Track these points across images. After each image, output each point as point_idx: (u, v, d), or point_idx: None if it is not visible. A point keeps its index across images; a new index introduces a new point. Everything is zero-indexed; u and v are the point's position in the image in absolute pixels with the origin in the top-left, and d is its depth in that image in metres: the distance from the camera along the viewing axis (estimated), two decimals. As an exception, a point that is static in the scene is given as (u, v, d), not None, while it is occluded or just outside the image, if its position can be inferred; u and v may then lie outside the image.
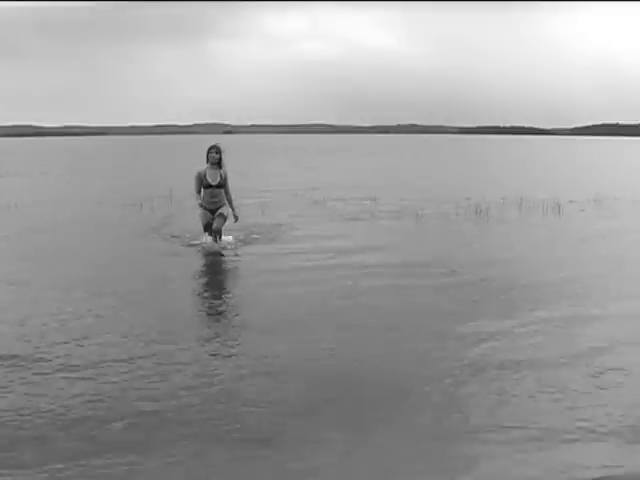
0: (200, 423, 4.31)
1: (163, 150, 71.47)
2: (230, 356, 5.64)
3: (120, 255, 10.00)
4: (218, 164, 10.15)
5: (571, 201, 16.70)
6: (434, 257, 9.75)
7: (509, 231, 12.70)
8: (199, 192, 10.17)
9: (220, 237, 10.22)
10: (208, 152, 10.13)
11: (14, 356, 5.34)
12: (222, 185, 10.14)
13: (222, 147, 10.28)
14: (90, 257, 9.76)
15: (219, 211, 10.21)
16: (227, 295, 7.73)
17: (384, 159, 45.26)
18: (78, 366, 5.16)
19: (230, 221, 10.28)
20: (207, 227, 10.18)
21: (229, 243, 10.26)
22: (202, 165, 10.28)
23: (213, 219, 10.15)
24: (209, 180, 10.09)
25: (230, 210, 10.25)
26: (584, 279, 8.34)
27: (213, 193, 10.12)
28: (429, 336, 6.00)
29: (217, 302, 7.29)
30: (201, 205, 10.19)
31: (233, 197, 10.33)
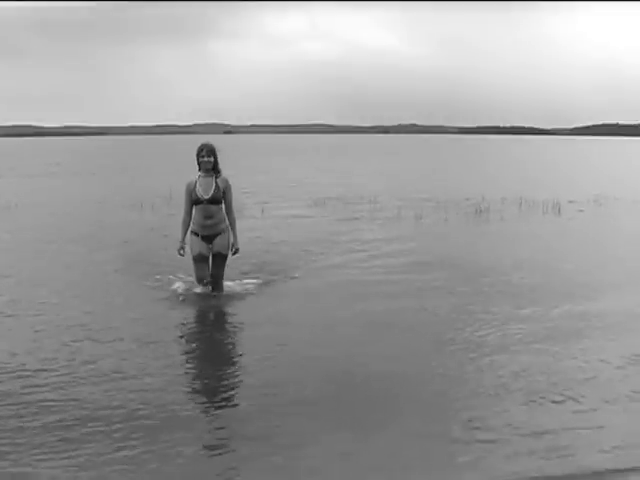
0: (201, 423, 4.34)
1: (163, 150, 71.46)
2: (231, 357, 5.69)
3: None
4: (213, 170, 7.25)
5: (571, 201, 16.72)
6: (436, 258, 9.76)
7: (512, 232, 12.71)
8: (189, 212, 7.26)
9: (220, 287, 7.37)
10: (198, 156, 7.24)
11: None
12: (219, 199, 7.22)
13: (215, 146, 7.39)
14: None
15: (217, 248, 7.27)
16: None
17: (384, 159, 45.25)
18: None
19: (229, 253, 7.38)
20: (198, 259, 7.24)
21: (228, 289, 7.47)
22: (195, 173, 7.35)
23: (209, 250, 7.27)
24: (199, 193, 7.16)
25: (228, 236, 7.31)
26: (588, 278, 8.37)
27: (207, 211, 7.18)
28: (429, 337, 6.02)
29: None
30: (192, 231, 7.29)
31: (236, 216, 7.43)
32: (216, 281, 7.34)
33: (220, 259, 7.31)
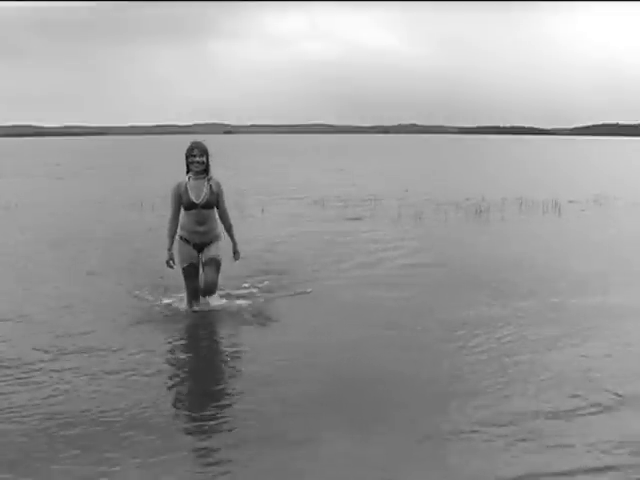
0: (201, 424, 4.35)
1: (163, 150, 71.49)
2: (230, 360, 5.69)
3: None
4: (205, 172, 6.62)
5: (571, 201, 16.74)
6: (437, 260, 9.76)
7: (513, 232, 12.72)
8: (176, 217, 6.63)
9: (212, 293, 6.70)
10: (188, 156, 6.57)
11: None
12: (213, 203, 6.62)
13: (207, 146, 6.68)
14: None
15: (210, 254, 6.64)
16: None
17: (384, 159, 45.24)
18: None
19: (226, 260, 6.83)
20: (189, 271, 6.66)
21: (220, 305, 6.77)
22: (184, 175, 6.67)
23: (200, 259, 6.68)
24: (191, 196, 6.54)
25: (222, 243, 6.75)
26: (589, 278, 8.37)
27: (200, 217, 6.58)
28: (430, 336, 6.02)
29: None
30: (181, 237, 6.64)
31: (232, 222, 6.88)
32: (210, 289, 6.61)
33: (213, 264, 6.60)
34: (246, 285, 7.64)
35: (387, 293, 7.60)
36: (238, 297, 7.15)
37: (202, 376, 5.29)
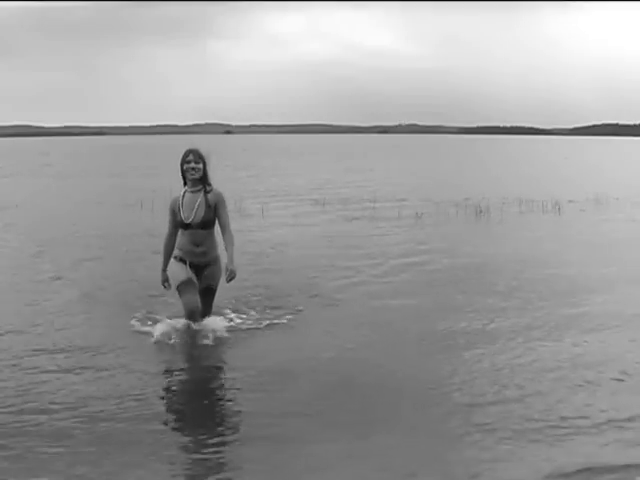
0: (200, 424, 4.35)
1: (163, 150, 71.43)
2: (230, 356, 5.69)
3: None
4: (201, 181, 5.81)
5: (571, 201, 16.75)
6: (437, 259, 9.77)
7: (511, 231, 12.74)
8: (173, 234, 5.94)
9: (203, 316, 5.98)
10: (183, 163, 5.81)
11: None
12: (210, 222, 5.80)
13: (205, 152, 5.92)
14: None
15: (206, 281, 5.96)
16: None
17: (384, 160, 45.24)
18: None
19: (221, 279, 5.99)
20: (186, 286, 5.81)
21: (216, 330, 5.97)
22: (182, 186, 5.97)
23: (199, 279, 5.90)
24: (184, 215, 5.75)
25: (221, 266, 5.95)
26: (588, 278, 8.37)
27: (196, 237, 5.80)
28: (432, 339, 6.02)
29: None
30: (175, 257, 5.92)
31: (235, 240, 5.86)
32: (197, 316, 5.89)
33: (209, 294, 5.99)
34: (247, 285, 7.55)
35: (389, 295, 7.58)
36: (238, 298, 7.07)
37: (201, 377, 5.30)
